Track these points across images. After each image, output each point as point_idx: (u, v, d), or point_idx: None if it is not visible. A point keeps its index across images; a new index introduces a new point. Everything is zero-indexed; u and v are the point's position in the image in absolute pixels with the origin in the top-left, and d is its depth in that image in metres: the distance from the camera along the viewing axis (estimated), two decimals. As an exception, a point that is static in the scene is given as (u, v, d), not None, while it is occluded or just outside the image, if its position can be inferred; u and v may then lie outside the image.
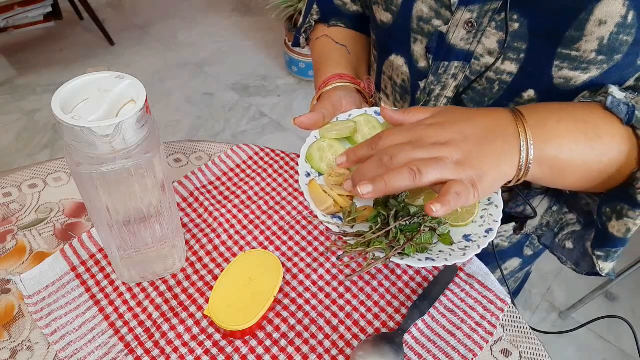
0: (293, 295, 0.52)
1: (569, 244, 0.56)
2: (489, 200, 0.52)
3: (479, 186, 0.42)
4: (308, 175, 0.52)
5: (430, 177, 0.41)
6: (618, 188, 0.47)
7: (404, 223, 0.47)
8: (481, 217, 0.51)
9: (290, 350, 0.48)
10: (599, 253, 0.49)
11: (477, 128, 0.44)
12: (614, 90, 0.45)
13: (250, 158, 0.66)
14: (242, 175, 0.64)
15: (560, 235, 0.58)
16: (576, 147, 0.44)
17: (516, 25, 0.48)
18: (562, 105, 0.47)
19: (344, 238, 0.47)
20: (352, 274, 0.53)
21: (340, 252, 0.47)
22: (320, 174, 0.53)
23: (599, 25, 0.44)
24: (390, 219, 0.48)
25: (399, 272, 0.55)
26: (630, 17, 0.43)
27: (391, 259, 0.46)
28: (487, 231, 0.49)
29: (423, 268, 0.55)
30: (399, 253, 0.46)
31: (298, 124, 0.53)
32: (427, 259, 0.46)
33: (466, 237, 0.49)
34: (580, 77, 0.47)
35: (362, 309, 0.52)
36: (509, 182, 0.45)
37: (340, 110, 0.58)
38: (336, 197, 0.50)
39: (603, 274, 0.51)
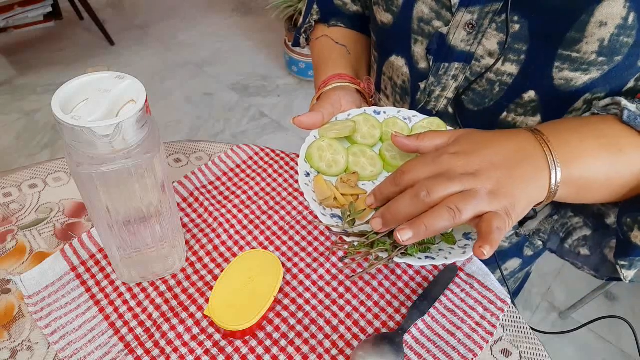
0: (293, 295, 0.52)
1: (585, 251, 0.54)
2: None
3: (512, 214, 0.40)
4: (307, 174, 0.52)
5: (469, 213, 0.39)
6: (638, 198, 0.45)
7: None
8: None
9: (290, 350, 0.48)
10: (622, 262, 0.48)
11: (503, 154, 0.42)
12: (627, 103, 0.44)
13: (250, 158, 0.66)
14: (242, 175, 0.64)
15: (570, 240, 0.56)
16: (600, 165, 0.43)
17: (517, 27, 0.48)
18: (581, 122, 0.45)
19: (346, 239, 0.47)
20: (354, 274, 0.53)
21: (342, 254, 0.47)
22: (319, 173, 0.53)
23: (599, 26, 0.44)
24: None
25: (399, 272, 0.55)
26: (630, 19, 0.43)
27: (393, 259, 0.46)
28: None
29: (423, 268, 0.55)
30: (401, 253, 0.46)
31: (297, 123, 0.53)
32: (427, 257, 0.46)
33: (466, 236, 0.49)
34: (581, 78, 0.47)
35: (362, 309, 0.52)
36: (539, 204, 0.43)
37: (340, 110, 0.58)
38: (338, 195, 0.50)
39: (627, 281, 0.49)
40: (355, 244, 0.46)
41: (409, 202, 0.41)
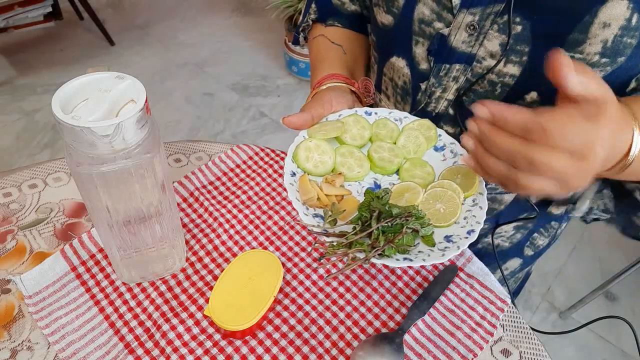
0: (293, 295, 0.52)
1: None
2: (473, 201, 0.52)
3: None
4: (293, 174, 0.53)
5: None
6: None
7: (386, 224, 0.47)
8: (464, 219, 0.51)
9: (290, 350, 0.48)
10: None
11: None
12: None
13: (250, 158, 0.66)
14: (242, 175, 0.64)
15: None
16: None
17: (519, 28, 0.48)
18: None
19: (326, 239, 0.47)
20: (330, 274, 0.53)
21: (323, 253, 0.47)
22: (305, 173, 0.54)
23: (603, 27, 0.43)
24: (373, 221, 0.48)
25: (399, 272, 0.55)
26: (634, 20, 0.43)
27: (370, 260, 0.46)
28: (469, 232, 0.49)
29: (423, 267, 0.55)
30: (379, 254, 0.46)
31: (287, 123, 0.54)
32: (405, 259, 0.46)
33: (447, 238, 0.49)
34: (583, 79, 0.47)
35: (362, 309, 0.51)
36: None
37: (330, 110, 0.58)
38: (321, 195, 0.51)
39: None
40: (335, 244, 0.47)
41: (509, 152, 0.38)
